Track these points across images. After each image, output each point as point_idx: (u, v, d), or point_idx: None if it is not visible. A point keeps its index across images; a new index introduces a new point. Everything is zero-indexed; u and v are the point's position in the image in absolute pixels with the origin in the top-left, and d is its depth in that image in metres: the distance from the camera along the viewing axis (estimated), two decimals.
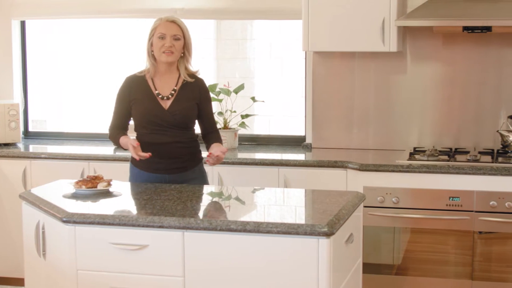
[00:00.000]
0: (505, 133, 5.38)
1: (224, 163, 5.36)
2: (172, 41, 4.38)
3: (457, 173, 4.94)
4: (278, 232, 3.35)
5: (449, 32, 5.54)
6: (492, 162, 5.04)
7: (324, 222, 3.35)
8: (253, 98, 5.94)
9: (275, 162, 5.33)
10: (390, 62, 5.71)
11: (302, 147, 5.92)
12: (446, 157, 5.22)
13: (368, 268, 5.00)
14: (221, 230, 3.42)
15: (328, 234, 3.31)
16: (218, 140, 4.58)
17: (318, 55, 5.83)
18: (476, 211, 4.94)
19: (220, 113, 5.91)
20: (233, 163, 5.39)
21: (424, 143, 5.68)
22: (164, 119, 4.41)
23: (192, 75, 4.53)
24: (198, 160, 4.60)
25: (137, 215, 3.59)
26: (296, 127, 6.13)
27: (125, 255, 3.56)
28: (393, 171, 5.02)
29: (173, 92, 4.46)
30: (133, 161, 4.50)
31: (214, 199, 4.17)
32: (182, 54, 4.47)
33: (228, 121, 5.90)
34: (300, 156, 5.59)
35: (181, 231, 3.48)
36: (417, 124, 5.71)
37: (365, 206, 4.73)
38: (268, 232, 3.36)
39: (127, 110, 4.50)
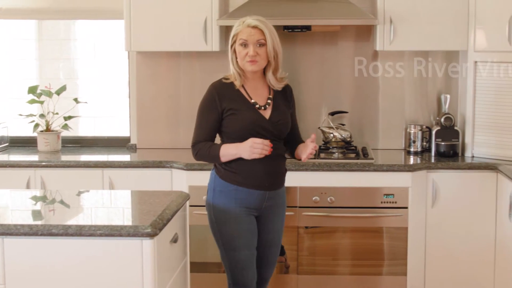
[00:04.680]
0: (326, 130, 5.53)
1: (47, 166, 5.27)
2: (256, 48, 4.00)
3: None
4: (101, 235, 3.31)
5: None
6: (314, 158, 5.15)
7: (147, 223, 3.33)
8: (75, 99, 5.84)
9: (99, 164, 5.26)
10: (213, 61, 5.75)
11: (127, 148, 5.88)
12: None
13: (196, 267, 5.02)
14: (42, 235, 3.33)
15: (151, 235, 3.30)
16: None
17: (141, 55, 5.80)
18: (300, 207, 5.05)
19: (42, 115, 5.77)
20: (56, 166, 5.28)
21: None
22: (266, 129, 4.05)
23: (281, 81, 4.19)
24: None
25: None
26: (121, 128, 6.07)
27: None
28: None
29: (269, 101, 4.13)
30: (225, 176, 4.08)
31: (37, 204, 4.06)
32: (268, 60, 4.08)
33: (50, 123, 5.78)
34: (125, 157, 5.56)
35: (0, 238, 3.37)
36: None
37: (190, 206, 4.73)
38: (91, 235, 3.31)
39: (217, 121, 4.07)
